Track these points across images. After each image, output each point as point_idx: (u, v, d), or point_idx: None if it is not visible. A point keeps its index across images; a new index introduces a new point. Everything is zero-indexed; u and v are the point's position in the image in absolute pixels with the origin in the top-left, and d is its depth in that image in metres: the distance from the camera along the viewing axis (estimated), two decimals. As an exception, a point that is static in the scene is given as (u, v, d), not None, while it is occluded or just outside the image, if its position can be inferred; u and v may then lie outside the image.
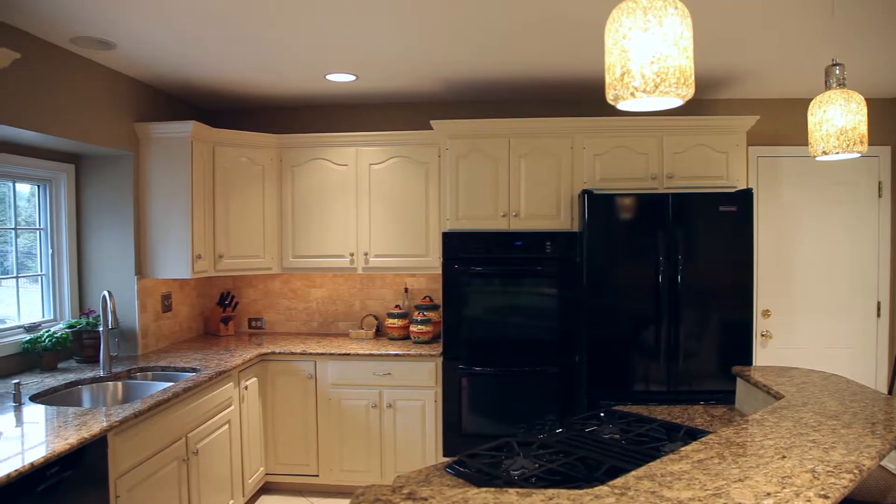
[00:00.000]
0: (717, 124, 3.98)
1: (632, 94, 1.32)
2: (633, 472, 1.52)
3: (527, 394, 4.01)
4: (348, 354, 4.16)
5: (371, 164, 4.44)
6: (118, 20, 2.95)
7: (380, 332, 4.77)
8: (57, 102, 3.31)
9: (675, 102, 1.39)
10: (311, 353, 4.18)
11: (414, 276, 4.78)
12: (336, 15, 2.90)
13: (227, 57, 3.55)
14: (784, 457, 1.60)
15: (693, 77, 1.32)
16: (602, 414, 2.50)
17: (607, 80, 1.38)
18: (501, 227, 4.08)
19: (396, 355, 4.12)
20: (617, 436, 2.21)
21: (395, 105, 4.80)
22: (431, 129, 4.34)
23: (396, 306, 4.66)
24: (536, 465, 1.90)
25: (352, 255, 4.46)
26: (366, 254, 4.44)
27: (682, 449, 1.68)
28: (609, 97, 1.38)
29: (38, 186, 3.81)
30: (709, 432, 2.08)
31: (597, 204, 3.78)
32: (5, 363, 3.39)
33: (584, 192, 3.82)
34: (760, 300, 4.54)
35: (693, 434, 2.20)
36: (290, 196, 4.53)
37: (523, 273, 4.01)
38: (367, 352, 4.15)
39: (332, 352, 4.17)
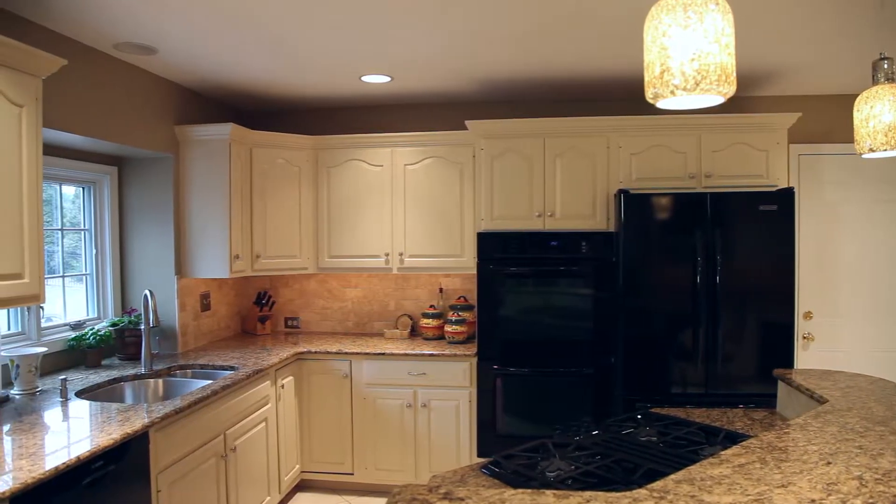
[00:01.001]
0: (757, 122, 3.90)
1: (672, 93, 1.30)
2: (672, 476, 1.50)
3: (561, 395, 3.98)
4: (383, 354, 4.18)
5: (406, 165, 4.45)
6: (159, 26, 3.01)
7: (414, 332, 4.79)
8: (101, 106, 3.40)
9: (716, 100, 1.37)
10: (346, 353, 4.22)
11: (448, 276, 4.79)
12: (371, 17, 2.92)
13: (264, 60, 3.60)
14: (829, 463, 1.56)
15: (735, 74, 1.30)
16: (639, 416, 2.47)
17: (646, 79, 1.36)
18: (536, 228, 4.06)
19: (431, 355, 4.13)
20: (654, 438, 2.18)
21: (429, 105, 4.81)
22: (466, 129, 4.34)
23: (431, 306, 4.67)
24: (573, 467, 1.89)
25: (387, 255, 4.48)
26: (401, 254, 4.46)
27: (723, 453, 1.65)
28: (648, 95, 1.37)
29: (83, 188, 3.92)
30: (749, 436, 2.04)
31: (633, 204, 3.73)
32: (53, 360, 3.48)
33: (621, 191, 3.78)
34: (802, 301, 4.43)
35: (733, 438, 2.16)
36: (326, 197, 4.57)
37: (558, 273, 3.98)
38: (402, 351, 4.16)
39: (368, 351, 4.20)
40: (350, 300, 4.96)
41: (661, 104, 1.39)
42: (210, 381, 3.31)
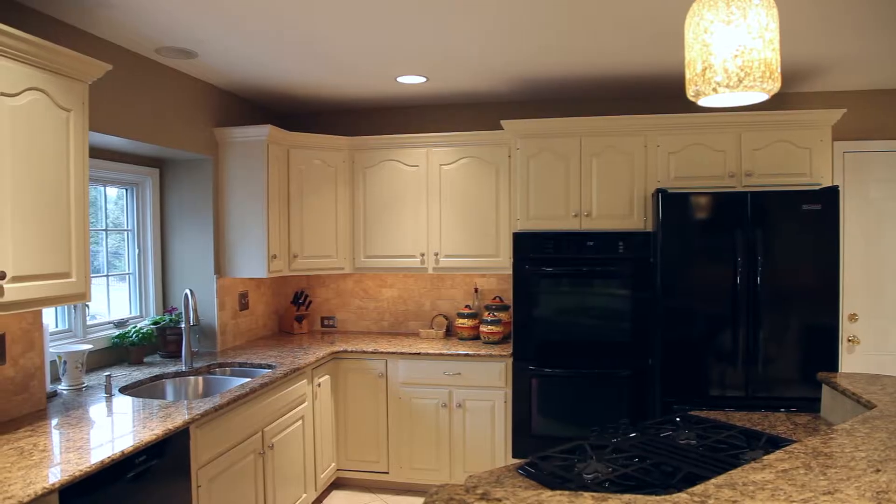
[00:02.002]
0: (799, 119, 3.81)
1: (714, 90, 1.27)
2: (713, 480, 1.47)
3: (598, 396, 3.94)
4: (419, 354, 4.19)
5: (441, 165, 4.46)
6: (200, 30, 3.07)
7: (450, 332, 4.79)
8: (144, 109, 3.48)
9: (760, 97, 1.34)
10: (382, 352, 4.24)
11: (484, 276, 4.78)
12: (406, 18, 2.93)
13: (301, 63, 3.64)
14: (878, 470, 1.52)
15: (779, 70, 1.27)
16: (677, 419, 2.44)
17: (688, 76, 1.34)
18: (573, 227, 4.02)
19: (466, 355, 4.12)
20: (693, 442, 2.14)
21: (464, 105, 4.81)
22: (501, 129, 4.33)
23: (466, 306, 4.67)
24: (610, 470, 1.87)
25: (422, 255, 4.49)
26: (436, 254, 4.47)
27: (765, 457, 1.62)
28: (690, 93, 1.34)
29: (126, 189, 4.01)
30: (792, 441, 1.99)
31: (671, 203, 3.68)
32: (98, 357, 3.58)
33: (658, 191, 3.73)
34: (847, 303, 4.32)
35: (775, 442, 2.11)
36: (362, 197, 4.60)
37: (595, 274, 3.94)
38: (438, 351, 4.17)
39: (403, 351, 4.22)
40: (386, 300, 4.98)
41: (702, 102, 1.36)
42: (248, 380, 3.36)
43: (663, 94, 4.40)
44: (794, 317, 3.57)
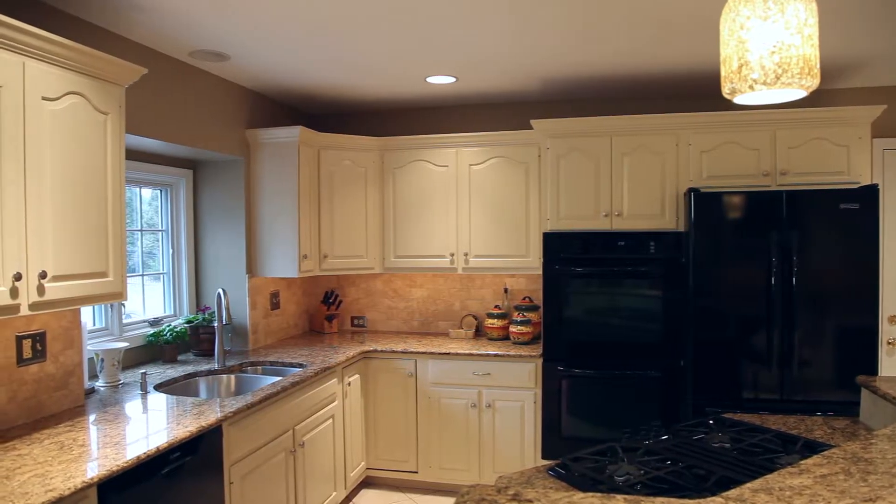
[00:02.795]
0: (837, 116, 3.72)
1: (750, 87, 1.25)
2: (748, 485, 1.44)
3: (628, 398, 3.90)
4: (448, 354, 4.20)
5: (471, 165, 4.46)
6: (232, 33, 3.11)
7: (479, 332, 4.79)
8: (178, 112, 3.54)
9: (798, 94, 1.31)
10: (412, 352, 4.25)
11: (513, 276, 4.77)
12: (436, 19, 2.93)
13: (331, 64, 3.66)
14: (920, 475, 1.47)
15: (818, 67, 1.24)
16: (710, 421, 2.40)
17: (723, 73, 1.32)
18: (603, 227, 3.99)
19: (496, 355, 4.12)
20: (727, 445, 2.11)
21: (494, 105, 4.80)
22: (531, 128, 4.32)
23: (496, 306, 4.66)
24: (642, 472, 1.85)
25: (452, 255, 4.50)
26: (466, 254, 4.47)
27: (802, 462, 1.58)
28: (725, 91, 1.32)
29: (160, 191, 4.08)
30: (830, 446, 1.95)
31: (704, 203, 3.63)
32: (133, 354, 3.65)
33: (691, 190, 3.68)
34: (886, 305, 4.21)
35: (812, 447, 2.07)
36: (392, 197, 4.62)
37: (626, 274, 3.91)
38: (467, 351, 4.17)
39: (433, 351, 4.22)
40: (415, 300, 5.00)
41: (738, 100, 1.34)
42: (280, 378, 3.40)
43: (695, 91, 4.34)
44: (831, 318, 3.49)
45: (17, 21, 2.16)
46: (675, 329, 3.84)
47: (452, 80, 4.06)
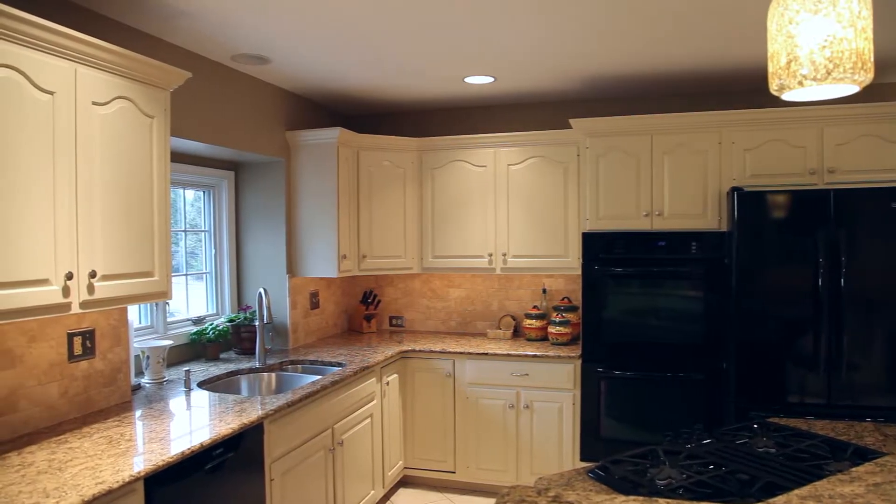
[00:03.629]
0: (889, 111, 3.60)
1: (799, 84, 1.22)
2: (796, 491, 1.41)
3: (669, 400, 3.84)
4: (486, 354, 4.19)
5: (509, 165, 4.44)
6: (273, 37, 3.15)
7: (517, 333, 4.77)
8: (220, 115, 3.60)
9: (850, 90, 1.27)
10: (450, 352, 4.26)
11: (552, 276, 4.74)
12: (475, 19, 2.93)
13: (370, 66, 3.69)
14: (979, 484, 1.42)
15: (872, 61, 1.20)
16: (755, 425, 2.34)
17: (770, 70, 1.29)
18: (643, 227, 3.94)
19: (534, 356, 4.09)
20: (772, 450, 2.06)
21: (532, 105, 4.77)
22: (570, 127, 4.28)
23: (534, 307, 4.64)
24: (684, 476, 1.82)
25: (490, 255, 4.49)
26: (504, 254, 4.45)
27: (854, 470, 1.54)
28: (773, 87, 1.29)
29: (203, 192, 4.16)
30: (884, 454, 1.89)
31: (747, 202, 3.55)
32: (177, 352, 3.73)
33: (734, 189, 3.61)
34: (941, 307, 4.06)
35: (863, 454, 2.00)
36: (430, 197, 4.64)
37: (667, 274, 3.85)
38: (505, 352, 4.16)
39: (471, 351, 4.22)
40: (453, 300, 5.00)
41: (786, 96, 1.31)
42: (319, 377, 3.43)
43: (737, 88, 4.25)
44: (881, 321, 3.38)
45: (70, 29, 2.23)
46: (718, 331, 3.77)
47: (491, 79, 4.06)
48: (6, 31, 2.01)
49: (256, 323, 3.87)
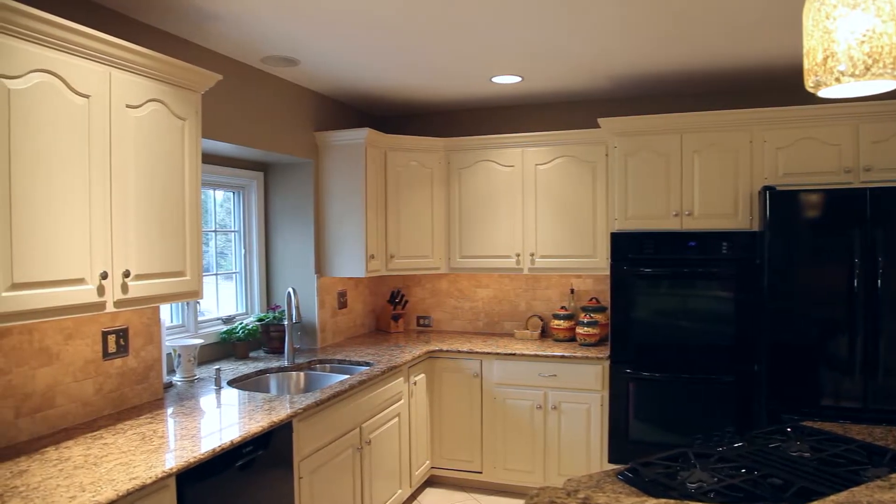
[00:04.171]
0: (928, 108, 3.52)
1: (836, 80, 1.19)
2: (832, 497, 1.38)
3: (698, 403, 3.79)
4: (514, 354, 4.18)
5: (537, 165, 4.43)
6: (302, 39, 3.18)
7: (545, 334, 4.75)
8: (250, 116, 3.64)
9: (890, 85, 1.24)
10: (477, 352, 4.25)
11: (580, 277, 4.71)
12: (503, 19, 2.92)
13: (397, 66, 3.70)
14: None
15: (912, 56, 1.17)
16: (788, 429, 2.30)
17: (806, 66, 1.26)
18: (673, 227, 3.89)
19: (562, 357, 4.07)
20: (807, 454, 2.02)
21: (560, 104, 4.75)
22: (598, 127, 4.25)
23: (562, 307, 4.61)
24: (715, 480, 1.79)
25: (518, 255, 4.47)
26: (532, 254, 4.44)
27: (893, 476, 1.50)
28: (809, 84, 1.27)
29: (233, 193, 4.21)
30: (922, 458, 1.84)
31: (780, 201, 3.49)
32: (208, 350, 3.78)
33: (766, 188, 3.55)
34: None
35: (902, 459, 1.96)
36: (458, 197, 4.64)
37: (696, 275, 3.80)
38: (533, 352, 4.14)
39: (498, 351, 4.21)
40: (480, 300, 4.99)
41: (823, 93, 1.28)
42: (347, 376, 3.45)
43: (769, 86, 4.18)
44: (920, 323, 3.30)
45: (104, 34, 2.27)
46: (749, 332, 3.71)
47: (518, 79, 4.04)
48: (44, 37, 2.06)
49: (285, 322, 3.90)
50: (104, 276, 2.28)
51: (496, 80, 4.05)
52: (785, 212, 3.48)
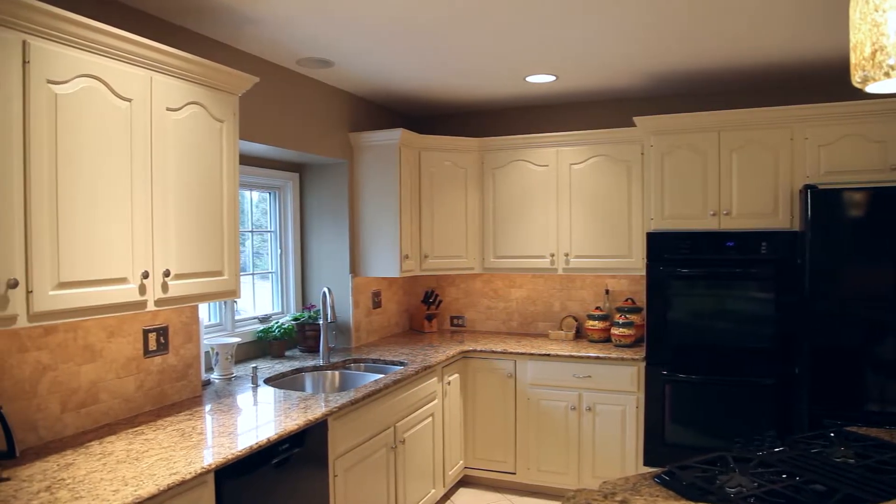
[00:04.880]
0: (979, 105, 3.40)
1: (886, 74, 1.15)
2: None
3: (737, 406, 3.72)
4: (548, 355, 4.15)
5: (571, 164, 4.39)
6: (337, 40, 3.21)
7: (579, 334, 4.71)
8: (286, 118, 3.69)
9: (941, 80, 1.20)
10: (511, 353, 4.24)
11: (615, 277, 4.66)
12: (537, 18, 2.90)
13: (431, 67, 3.71)
14: None
15: (965, 50, 1.13)
16: (831, 434, 2.25)
17: (853, 60, 1.23)
18: (710, 227, 3.83)
19: (597, 358, 4.03)
20: (851, 461, 1.96)
21: (594, 103, 4.71)
22: (633, 125, 4.20)
23: (597, 308, 4.57)
24: (755, 485, 1.76)
25: (552, 255, 4.45)
26: (566, 254, 4.41)
27: (942, 481, 1.46)
28: (856, 80, 1.23)
29: (269, 193, 4.27)
30: (973, 465, 1.78)
31: (822, 200, 3.41)
32: (245, 349, 3.84)
33: (807, 187, 3.47)
34: None
35: (952, 466, 1.89)
36: (492, 197, 4.63)
37: (735, 275, 3.73)
38: (567, 353, 4.11)
39: (532, 352, 4.19)
40: (514, 300, 4.98)
41: (871, 88, 1.24)
42: (381, 376, 3.47)
43: (809, 81, 4.08)
44: (970, 326, 3.19)
45: (146, 39, 2.32)
46: (789, 334, 3.63)
47: (552, 78, 4.02)
48: (88, 43, 2.11)
49: (320, 321, 3.94)
50: (145, 275, 2.33)
51: (530, 79, 4.03)
52: (827, 211, 3.40)
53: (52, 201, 2.00)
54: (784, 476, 1.83)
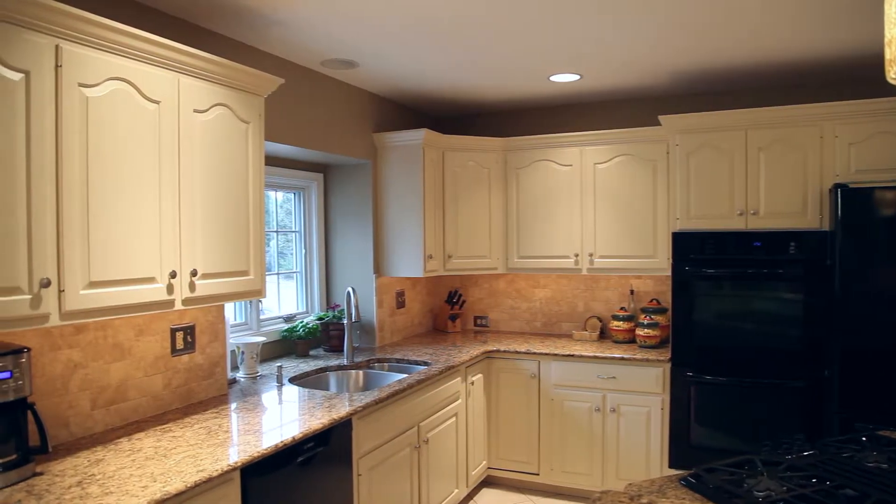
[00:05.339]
0: None
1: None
2: (912, 509, 1.32)
3: (764, 408, 3.67)
4: (572, 356, 4.13)
5: (595, 164, 4.37)
6: (361, 41, 3.22)
7: (603, 335, 4.68)
8: (310, 119, 3.71)
9: (977, 77, 1.18)
10: (534, 353, 4.23)
11: (640, 277, 4.62)
12: (561, 17, 2.89)
13: (455, 67, 3.71)
14: None
15: None
16: (863, 437, 2.20)
17: (888, 56, 1.20)
18: (737, 227, 3.78)
19: (622, 359, 4.01)
20: (884, 465, 1.92)
21: (619, 102, 4.67)
22: (658, 124, 4.17)
23: (621, 308, 4.54)
24: (784, 489, 1.73)
25: (576, 255, 4.42)
26: (590, 254, 4.38)
27: (978, 487, 1.42)
28: (890, 75, 1.21)
29: (294, 194, 4.30)
30: None
31: (852, 199, 3.35)
32: (270, 348, 3.87)
33: (837, 186, 3.41)
34: None
35: None
36: (516, 197, 4.62)
37: (762, 276, 3.68)
38: (591, 354, 4.09)
39: (556, 352, 4.18)
40: (538, 300, 4.96)
41: (903, 85, 1.22)
42: (405, 375, 3.48)
43: (838, 78, 4.01)
44: None
45: (174, 42, 2.35)
46: (818, 336, 3.57)
47: (576, 77, 4.00)
48: (118, 46, 2.15)
49: (344, 321, 3.96)
50: (173, 275, 2.36)
51: (554, 78, 4.02)
52: (858, 210, 3.34)
53: (83, 203, 2.04)
54: (814, 480, 1.80)
